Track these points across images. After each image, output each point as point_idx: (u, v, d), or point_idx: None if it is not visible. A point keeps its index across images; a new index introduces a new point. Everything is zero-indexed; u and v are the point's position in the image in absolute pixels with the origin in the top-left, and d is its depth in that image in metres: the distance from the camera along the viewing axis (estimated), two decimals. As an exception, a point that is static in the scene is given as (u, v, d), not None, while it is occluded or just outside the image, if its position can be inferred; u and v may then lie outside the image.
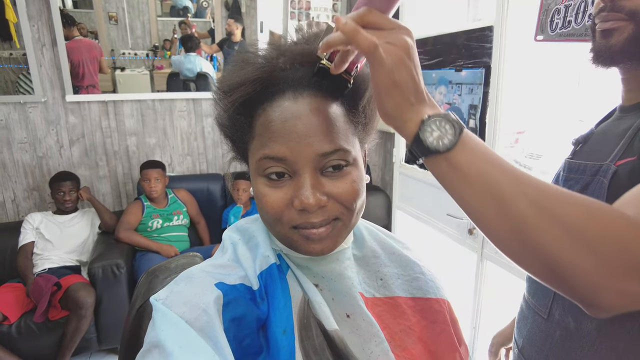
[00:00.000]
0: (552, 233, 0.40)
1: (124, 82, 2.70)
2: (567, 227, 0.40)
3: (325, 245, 0.48)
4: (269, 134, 0.46)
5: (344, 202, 0.47)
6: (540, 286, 0.70)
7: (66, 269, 2.28)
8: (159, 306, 0.44)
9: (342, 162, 0.47)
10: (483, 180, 0.43)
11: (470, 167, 0.43)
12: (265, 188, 0.48)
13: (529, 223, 0.41)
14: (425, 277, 0.59)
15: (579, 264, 0.40)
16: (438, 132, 0.43)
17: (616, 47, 0.57)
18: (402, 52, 0.42)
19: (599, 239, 0.40)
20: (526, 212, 0.41)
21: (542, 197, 0.41)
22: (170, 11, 2.76)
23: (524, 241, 0.42)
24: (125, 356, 0.66)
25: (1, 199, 2.57)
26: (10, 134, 2.51)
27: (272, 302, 0.49)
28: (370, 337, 0.50)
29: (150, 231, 2.48)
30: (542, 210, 0.41)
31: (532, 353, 0.70)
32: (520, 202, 0.41)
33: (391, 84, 0.42)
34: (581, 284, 0.40)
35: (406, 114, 0.44)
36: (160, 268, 0.74)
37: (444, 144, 0.43)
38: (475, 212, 0.44)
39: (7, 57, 2.42)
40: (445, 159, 0.44)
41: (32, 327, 2.06)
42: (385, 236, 0.62)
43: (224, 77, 0.50)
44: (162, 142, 2.83)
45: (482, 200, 0.43)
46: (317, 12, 2.91)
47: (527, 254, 0.43)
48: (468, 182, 0.43)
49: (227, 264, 0.52)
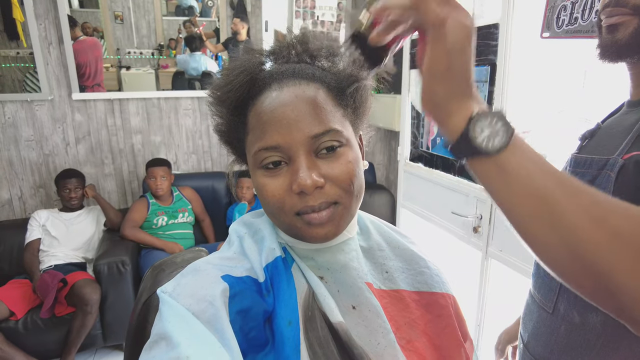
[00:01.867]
0: (608, 247, 0.37)
1: (129, 81, 2.72)
2: (625, 242, 0.37)
3: (328, 230, 0.48)
4: (260, 125, 0.48)
5: (341, 183, 0.48)
6: (545, 281, 0.70)
7: (72, 266, 2.29)
8: (166, 298, 0.45)
9: (335, 143, 0.48)
10: (534, 186, 0.39)
11: (521, 171, 0.39)
12: (264, 179, 0.48)
13: (582, 235, 0.38)
14: (430, 272, 0.59)
15: (630, 275, 0.36)
16: (488, 130, 0.40)
17: (622, 42, 0.57)
18: (465, 35, 0.39)
19: None
20: (580, 223, 0.38)
21: (599, 208, 0.38)
22: (175, 10, 2.77)
23: (576, 254, 0.38)
24: (132, 348, 0.66)
25: (8, 196, 2.59)
26: (17, 132, 2.53)
27: (278, 294, 0.49)
28: (376, 328, 0.50)
29: (156, 228, 2.49)
30: (598, 222, 0.38)
31: (538, 348, 0.70)
32: (575, 212, 0.38)
33: (446, 68, 0.39)
34: (630, 296, 0.37)
35: (454, 104, 0.41)
36: (166, 262, 0.74)
37: (494, 146, 0.40)
38: (522, 220, 0.41)
39: (15, 56, 2.44)
40: (495, 161, 0.40)
41: (39, 322, 2.08)
42: (391, 230, 0.62)
43: (214, 88, 0.53)
44: (168, 140, 2.84)
45: (531, 208, 0.39)
46: (322, 11, 2.92)
47: (577, 268, 0.39)
48: (517, 188, 0.40)
49: (233, 256, 0.52)
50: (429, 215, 2.12)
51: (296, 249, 0.54)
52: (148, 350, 0.41)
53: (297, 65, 0.51)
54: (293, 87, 0.48)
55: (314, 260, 0.54)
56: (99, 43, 2.64)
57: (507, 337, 1.00)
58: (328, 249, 0.54)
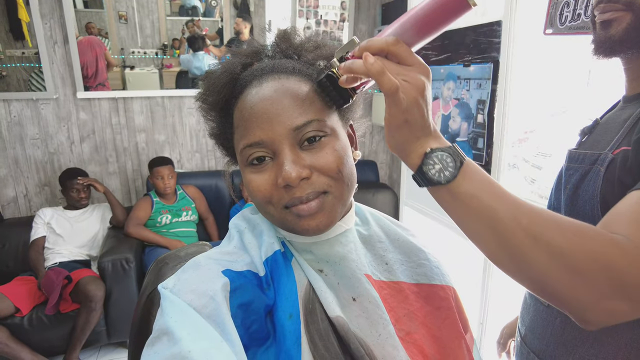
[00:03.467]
0: (544, 260, 0.43)
1: (133, 80, 2.73)
2: (555, 252, 0.43)
3: (320, 221, 0.48)
4: (243, 123, 0.49)
5: (328, 172, 0.48)
6: None
7: (76, 263, 2.31)
8: (167, 294, 0.45)
9: (319, 133, 0.48)
10: (482, 211, 0.46)
11: (471, 199, 0.46)
12: (250, 175, 0.49)
13: (523, 251, 0.44)
14: (430, 264, 0.60)
15: (567, 285, 0.43)
16: (440, 164, 0.46)
17: (616, 37, 0.57)
18: (418, 93, 0.44)
19: (584, 261, 0.42)
20: (520, 241, 0.44)
21: (535, 224, 0.44)
22: (179, 10, 2.78)
23: (520, 267, 0.45)
24: (136, 342, 0.67)
25: (14, 194, 2.61)
26: (23, 130, 2.55)
27: (278, 287, 0.49)
28: (377, 319, 0.50)
29: (160, 226, 2.51)
30: (534, 238, 0.44)
31: (534, 341, 0.71)
32: (515, 232, 0.44)
33: (402, 122, 0.45)
34: (571, 303, 0.44)
35: (411, 146, 0.47)
36: (170, 256, 0.75)
37: (445, 176, 0.46)
38: (475, 238, 0.48)
39: (20, 56, 2.46)
40: (447, 190, 0.47)
41: (44, 319, 2.10)
42: (391, 222, 0.62)
43: (200, 93, 0.54)
44: (171, 138, 2.85)
45: (481, 230, 0.46)
46: (325, 10, 2.92)
47: (523, 277, 0.46)
48: (468, 212, 0.46)
49: (233, 251, 0.53)
50: (432, 213, 2.12)
51: (294, 243, 0.54)
52: (150, 346, 0.41)
53: (277, 61, 0.52)
54: (272, 81, 0.49)
55: (312, 253, 0.54)
56: (99, 41, 2.63)
57: (509, 332, 1.01)
58: (326, 241, 0.54)
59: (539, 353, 0.69)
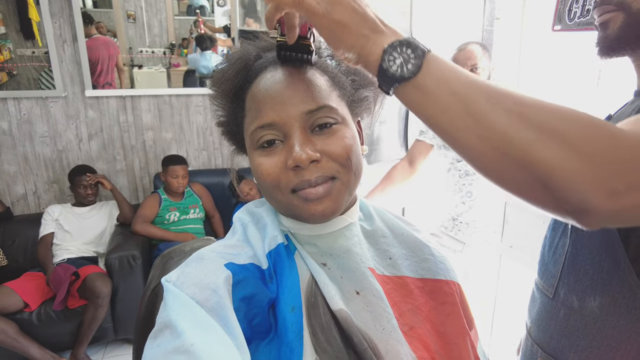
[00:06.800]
0: (535, 140, 0.39)
1: (141, 79, 2.75)
2: (550, 131, 0.39)
3: (326, 206, 0.48)
4: (256, 105, 0.49)
5: (337, 158, 0.48)
6: (548, 267, 0.71)
7: (84, 260, 2.33)
8: (170, 287, 0.45)
9: (330, 120, 0.48)
10: (456, 100, 0.41)
11: (441, 89, 0.41)
12: (260, 158, 0.49)
13: (510, 134, 0.40)
14: (434, 259, 0.59)
15: (566, 166, 0.39)
16: (400, 58, 0.42)
17: (613, 36, 0.60)
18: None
19: (583, 139, 0.39)
20: (505, 123, 0.40)
21: (520, 105, 0.40)
22: (187, 10, 2.80)
23: (507, 154, 0.40)
24: (141, 334, 0.67)
25: (23, 191, 2.64)
26: (32, 128, 2.58)
27: (281, 280, 0.49)
28: (381, 313, 0.50)
29: (168, 224, 2.52)
30: (521, 118, 0.40)
31: (539, 333, 0.71)
32: (498, 115, 0.40)
33: (335, 26, 0.41)
34: (570, 188, 0.39)
35: (365, 48, 0.42)
36: (175, 250, 0.75)
37: (409, 70, 0.42)
38: (452, 134, 0.42)
39: (30, 55, 2.49)
40: (413, 85, 0.42)
41: (52, 314, 2.12)
42: (394, 217, 0.62)
43: (212, 79, 0.54)
44: (179, 136, 2.87)
45: (458, 121, 0.41)
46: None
47: (511, 168, 0.41)
48: (440, 105, 0.41)
49: (236, 244, 0.53)
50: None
51: (298, 235, 0.54)
52: (153, 339, 0.42)
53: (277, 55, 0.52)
54: (287, 68, 0.50)
55: (316, 246, 0.54)
56: (114, 43, 2.67)
57: None
58: (330, 234, 0.54)
59: (543, 345, 0.70)
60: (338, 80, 0.52)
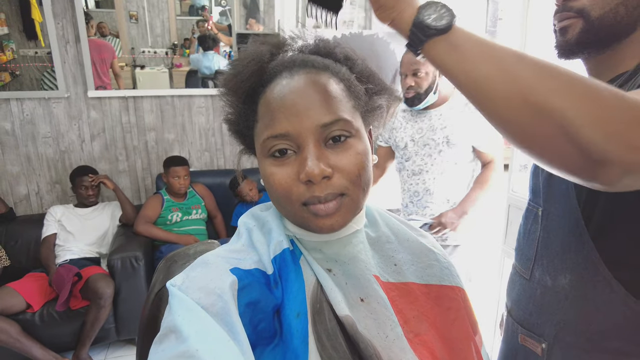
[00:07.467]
0: (557, 88, 0.43)
1: (143, 79, 2.76)
2: (569, 83, 0.43)
3: (335, 221, 0.48)
4: (270, 113, 0.48)
5: (349, 175, 0.47)
6: (524, 251, 0.77)
7: (86, 260, 2.33)
8: (175, 292, 0.45)
9: (345, 133, 0.48)
10: (485, 53, 0.47)
11: (471, 44, 0.48)
12: (271, 168, 0.48)
13: (533, 83, 0.44)
14: (440, 265, 0.59)
15: (587, 116, 0.42)
16: (435, 14, 0.48)
17: (572, 41, 0.65)
18: None
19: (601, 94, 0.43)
20: (529, 73, 0.45)
21: (542, 62, 0.45)
22: (189, 10, 2.80)
23: (529, 101, 0.44)
24: (144, 339, 0.67)
25: (26, 191, 2.65)
26: (35, 129, 2.58)
27: (286, 286, 0.49)
28: (385, 321, 0.50)
29: (170, 224, 2.52)
30: (543, 70, 0.45)
31: (519, 312, 0.76)
32: (523, 66, 0.45)
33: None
34: (591, 137, 0.42)
35: (401, 4, 0.50)
36: (179, 254, 0.75)
37: (443, 24, 0.48)
38: (480, 84, 0.47)
39: (33, 56, 2.49)
40: (445, 39, 0.48)
41: (54, 315, 2.13)
42: (399, 222, 0.62)
43: (224, 78, 0.53)
44: (181, 137, 2.87)
45: (485, 70, 0.47)
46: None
47: (534, 117, 0.45)
48: (470, 57, 0.47)
49: (242, 249, 0.52)
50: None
51: (304, 241, 0.54)
52: (158, 344, 0.41)
53: (310, 55, 0.52)
54: (304, 75, 0.48)
55: (321, 252, 0.53)
56: (110, 46, 2.65)
57: None
58: (336, 241, 0.53)
59: (523, 322, 0.75)
60: (354, 89, 0.51)
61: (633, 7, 0.60)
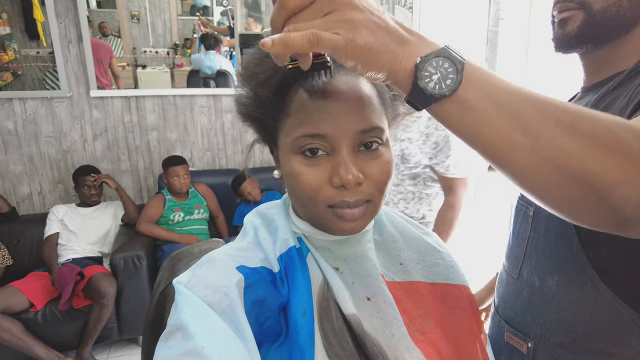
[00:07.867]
0: (593, 151, 0.37)
1: (145, 79, 2.76)
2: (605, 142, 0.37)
3: (357, 224, 0.48)
4: (308, 111, 0.46)
5: (377, 183, 0.47)
6: (513, 250, 0.76)
7: (89, 260, 2.34)
8: (182, 289, 0.45)
9: (378, 141, 0.47)
10: (503, 114, 0.38)
11: (485, 103, 0.38)
12: (301, 166, 0.47)
13: (565, 146, 0.37)
14: (445, 263, 0.59)
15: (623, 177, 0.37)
16: (437, 74, 0.38)
17: (571, 34, 0.62)
18: (346, 15, 0.36)
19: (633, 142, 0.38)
20: (559, 135, 0.37)
21: (569, 115, 0.38)
22: (190, 10, 2.81)
23: (562, 167, 0.38)
24: (149, 337, 0.68)
25: (28, 191, 2.65)
26: (38, 128, 2.59)
27: (292, 284, 0.49)
28: (391, 320, 0.50)
29: (172, 224, 2.53)
30: (574, 129, 0.38)
31: (506, 310, 0.76)
32: (550, 127, 0.38)
33: (361, 53, 0.37)
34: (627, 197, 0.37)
35: (394, 64, 0.38)
36: (183, 252, 0.75)
37: (448, 86, 0.38)
38: (500, 150, 0.39)
39: (35, 56, 2.50)
40: (453, 101, 0.38)
41: (57, 314, 2.13)
42: (405, 221, 0.62)
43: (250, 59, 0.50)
44: (183, 137, 2.88)
45: (506, 136, 0.38)
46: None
47: (567, 182, 0.38)
48: (486, 120, 0.38)
49: (248, 247, 0.53)
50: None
51: (312, 239, 0.54)
52: (164, 341, 0.42)
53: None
54: (345, 76, 0.47)
55: (330, 251, 0.53)
56: (108, 47, 2.65)
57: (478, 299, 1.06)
58: (346, 240, 0.53)
59: (509, 320, 0.75)
60: (383, 95, 0.50)
61: (637, 1, 0.58)
